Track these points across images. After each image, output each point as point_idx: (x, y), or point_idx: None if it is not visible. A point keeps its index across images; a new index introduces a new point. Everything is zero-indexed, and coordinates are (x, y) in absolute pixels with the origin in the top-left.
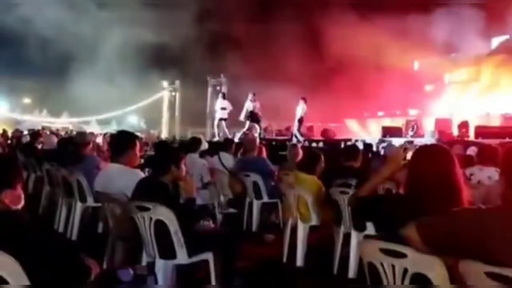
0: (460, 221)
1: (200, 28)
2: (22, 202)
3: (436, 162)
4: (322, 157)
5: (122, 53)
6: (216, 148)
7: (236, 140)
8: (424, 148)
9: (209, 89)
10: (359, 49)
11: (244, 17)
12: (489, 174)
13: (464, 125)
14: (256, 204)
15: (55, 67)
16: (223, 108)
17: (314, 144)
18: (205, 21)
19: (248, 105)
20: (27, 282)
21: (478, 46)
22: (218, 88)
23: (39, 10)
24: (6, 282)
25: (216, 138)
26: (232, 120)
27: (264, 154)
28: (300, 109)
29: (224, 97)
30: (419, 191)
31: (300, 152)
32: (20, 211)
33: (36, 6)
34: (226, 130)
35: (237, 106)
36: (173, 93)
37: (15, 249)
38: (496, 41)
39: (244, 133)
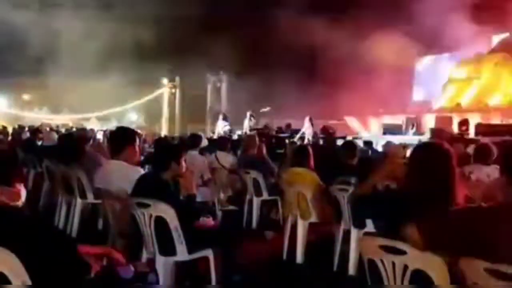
0: (461, 220)
1: (199, 24)
2: (22, 199)
3: (435, 160)
4: (310, 149)
5: (122, 49)
6: (213, 145)
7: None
8: (423, 145)
9: (209, 86)
10: (359, 47)
11: (244, 15)
12: (488, 172)
13: (464, 123)
14: (256, 201)
15: (54, 64)
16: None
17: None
18: (205, 17)
19: (247, 124)
20: (27, 278)
21: (478, 43)
22: (218, 85)
23: (35, 7)
24: (5, 278)
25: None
26: (232, 119)
27: (264, 151)
28: (307, 128)
29: (224, 118)
30: (418, 188)
31: None
32: (18, 207)
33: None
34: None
35: (237, 104)
36: (173, 90)
37: (14, 245)
38: (496, 39)
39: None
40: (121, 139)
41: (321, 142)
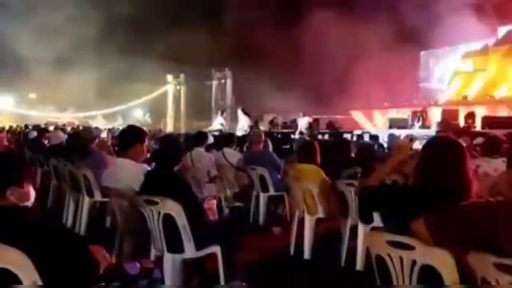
0: (469, 214)
1: (204, 21)
2: (32, 200)
3: (447, 155)
4: (317, 145)
5: (126, 47)
6: (219, 142)
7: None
8: (435, 140)
9: (214, 82)
10: (364, 40)
11: (248, 13)
12: (495, 166)
13: (470, 116)
14: (262, 197)
15: (60, 62)
16: (221, 124)
17: (319, 136)
18: (209, 15)
19: (245, 122)
20: (37, 276)
21: (484, 35)
22: (223, 81)
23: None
24: (15, 276)
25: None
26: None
27: (270, 147)
28: (304, 122)
29: (222, 114)
30: (429, 183)
31: None
32: (27, 207)
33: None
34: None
35: (242, 99)
36: (178, 87)
37: (24, 245)
38: (502, 31)
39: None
40: (131, 137)
41: (327, 137)
